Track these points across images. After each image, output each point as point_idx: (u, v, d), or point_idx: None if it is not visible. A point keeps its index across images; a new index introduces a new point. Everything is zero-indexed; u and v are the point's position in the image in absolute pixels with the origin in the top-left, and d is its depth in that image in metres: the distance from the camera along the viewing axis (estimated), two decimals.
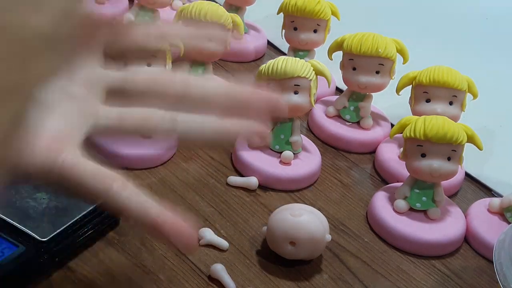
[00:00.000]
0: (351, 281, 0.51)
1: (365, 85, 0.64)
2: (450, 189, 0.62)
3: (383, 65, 0.64)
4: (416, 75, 0.64)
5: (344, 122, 0.67)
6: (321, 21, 0.70)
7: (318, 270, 0.51)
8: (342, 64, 0.66)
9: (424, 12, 0.94)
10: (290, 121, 0.59)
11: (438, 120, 0.54)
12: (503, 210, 0.58)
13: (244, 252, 0.51)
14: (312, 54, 0.72)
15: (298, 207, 0.50)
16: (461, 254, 0.56)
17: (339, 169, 0.63)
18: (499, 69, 0.83)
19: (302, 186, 0.59)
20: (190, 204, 0.54)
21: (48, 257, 0.44)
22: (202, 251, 0.50)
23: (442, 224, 0.56)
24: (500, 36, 0.91)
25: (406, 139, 0.55)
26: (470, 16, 0.94)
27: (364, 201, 0.60)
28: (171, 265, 0.48)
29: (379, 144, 0.66)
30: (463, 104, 0.64)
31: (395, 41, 0.65)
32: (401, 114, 0.63)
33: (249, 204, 0.56)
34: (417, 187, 0.56)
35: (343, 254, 0.53)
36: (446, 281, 0.53)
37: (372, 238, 0.56)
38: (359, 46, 0.63)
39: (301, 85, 0.57)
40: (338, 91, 0.74)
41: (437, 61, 0.65)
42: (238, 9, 0.76)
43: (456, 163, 0.54)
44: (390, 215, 0.56)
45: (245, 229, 0.53)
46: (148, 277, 0.47)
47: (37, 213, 0.46)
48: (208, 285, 0.47)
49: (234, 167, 0.60)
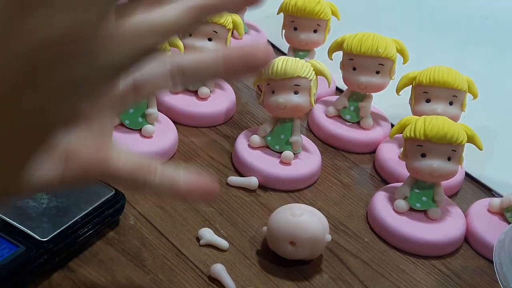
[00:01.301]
0: (351, 281, 0.51)
1: (365, 85, 0.64)
2: (450, 189, 0.62)
3: (383, 65, 0.64)
4: (416, 75, 0.64)
5: (344, 122, 0.67)
6: (321, 21, 0.70)
7: (318, 270, 0.51)
8: (342, 64, 0.66)
9: (424, 12, 0.94)
10: (290, 121, 0.59)
11: (438, 120, 0.54)
12: (503, 210, 0.58)
13: (244, 252, 0.51)
14: (312, 54, 0.72)
15: (298, 207, 0.50)
16: (461, 254, 0.56)
17: (339, 169, 0.63)
18: (499, 69, 0.83)
19: (302, 186, 0.59)
20: (190, 204, 0.54)
21: (48, 257, 0.44)
22: (202, 251, 0.50)
23: (442, 224, 0.56)
24: (500, 36, 0.91)
25: (406, 139, 0.55)
26: (470, 16, 0.94)
27: (364, 201, 0.60)
28: (171, 265, 0.48)
29: (379, 144, 0.66)
30: (463, 104, 0.64)
31: (395, 41, 0.65)
32: (401, 114, 0.63)
33: (249, 204, 0.56)
34: (417, 187, 0.56)
35: (343, 254, 0.53)
36: (446, 281, 0.53)
37: (372, 238, 0.56)
38: (359, 46, 0.63)
39: (301, 85, 0.57)
40: (338, 91, 0.74)
41: (437, 61, 0.65)
42: None
43: (456, 163, 0.54)
44: (390, 215, 0.56)
45: (245, 229, 0.53)
46: (148, 277, 0.47)
47: (37, 213, 0.46)
48: (208, 285, 0.47)
49: (234, 167, 0.60)
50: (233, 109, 0.67)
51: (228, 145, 0.62)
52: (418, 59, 0.68)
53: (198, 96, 0.65)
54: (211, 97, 0.65)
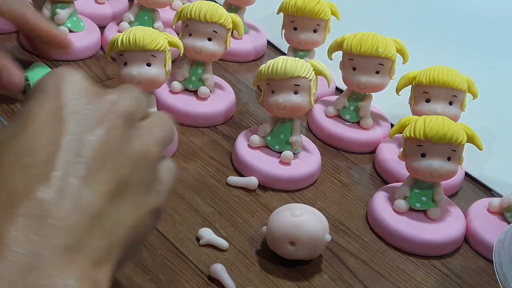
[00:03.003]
0: (351, 281, 0.51)
1: (365, 85, 0.64)
2: (450, 189, 0.62)
3: (383, 65, 0.64)
4: (416, 75, 0.64)
5: (344, 122, 0.67)
6: (321, 21, 0.70)
7: (318, 270, 0.51)
8: (342, 64, 0.66)
9: (424, 12, 0.94)
10: (290, 121, 0.59)
11: (438, 120, 0.54)
12: (503, 210, 0.58)
13: (244, 252, 0.51)
14: (312, 54, 0.72)
15: (298, 207, 0.50)
16: (461, 254, 0.56)
17: (339, 169, 0.63)
18: (499, 69, 0.83)
19: (302, 186, 0.59)
20: (190, 204, 0.54)
21: None
22: (202, 251, 0.50)
23: (442, 224, 0.56)
24: (500, 36, 0.91)
25: (406, 139, 0.55)
26: (470, 16, 0.94)
27: (364, 201, 0.60)
28: (171, 265, 0.48)
29: (379, 144, 0.66)
30: (463, 104, 0.64)
31: (395, 41, 0.65)
32: (401, 114, 0.63)
33: (249, 204, 0.56)
34: (417, 187, 0.56)
35: (343, 254, 0.53)
36: (446, 281, 0.53)
37: (372, 238, 0.56)
38: (359, 46, 0.63)
39: (301, 85, 0.57)
40: (338, 91, 0.74)
41: (437, 61, 0.65)
42: (238, 9, 0.76)
43: (456, 163, 0.54)
44: (390, 215, 0.56)
45: (245, 229, 0.53)
46: (148, 277, 0.47)
47: None
48: (208, 285, 0.47)
49: (234, 167, 0.60)
50: (233, 109, 0.67)
51: (228, 145, 0.62)
52: (418, 59, 0.68)
53: (198, 96, 0.65)
54: (211, 97, 0.65)
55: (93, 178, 0.29)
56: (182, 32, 0.63)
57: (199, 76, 0.64)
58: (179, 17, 0.63)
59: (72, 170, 0.28)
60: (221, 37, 0.63)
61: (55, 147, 0.28)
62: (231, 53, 0.73)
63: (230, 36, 0.64)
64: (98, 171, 0.29)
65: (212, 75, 0.65)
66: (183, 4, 0.78)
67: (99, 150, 0.30)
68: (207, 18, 0.61)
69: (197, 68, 0.64)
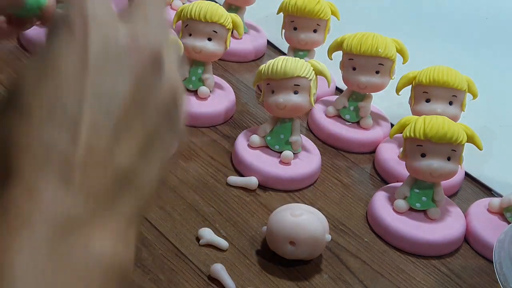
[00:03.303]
0: (351, 281, 0.51)
1: (365, 85, 0.64)
2: (450, 189, 0.62)
3: (383, 65, 0.64)
4: (416, 75, 0.64)
5: (344, 122, 0.67)
6: (321, 21, 0.70)
7: (318, 270, 0.51)
8: (342, 64, 0.66)
9: (424, 12, 0.94)
10: (290, 121, 0.59)
11: (438, 120, 0.54)
12: (503, 210, 0.58)
13: (244, 252, 0.51)
14: (312, 54, 0.72)
15: (298, 207, 0.50)
16: (461, 254, 0.56)
17: (339, 169, 0.63)
18: (499, 69, 0.83)
19: (302, 186, 0.59)
20: (190, 204, 0.54)
21: None
22: (202, 251, 0.50)
23: (442, 224, 0.56)
24: (500, 36, 0.91)
25: (406, 139, 0.55)
26: (470, 16, 0.94)
27: (364, 201, 0.60)
28: (171, 265, 0.48)
29: (379, 144, 0.66)
30: (463, 104, 0.64)
31: (395, 41, 0.65)
32: (401, 114, 0.63)
33: (249, 204, 0.56)
34: (417, 187, 0.56)
35: (343, 254, 0.53)
36: (446, 281, 0.53)
37: (372, 238, 0.56)
38: (359, 46, 0.63)
39: (301, 85, 0.57)
40: (338, 91, 0.74)
41: (437, 61, 0.65)
42: (238, 9, 0.76)
43: (456, 163, 0.54)
44: (390, 215, 0.56)
45: (245, 229, 0.53)
46: (148, 277, 0.47)
47: None
48: (208, 285, 0.47)
49: (234, 167, 0.60)
50: (233, 109, 0.67)
51: (228, 145, 0.62)
52: (418, 59, 0.68)
53: (198, 96, 0.65)
54: (211, 97, 0.65)
55: (123, 135, 0.28)
56: (182, 32, 0.63)
57: (199, 76, 0.64)
58: (179, 17, 0.63)
59: (101, 129, 0.27)
60: (221, 37, 0.63)
61: (82, 103, 0.27)
62: (231, 53, 0.73)
63: (230, 36, 0.64)
64: (127, 127, 0.28)
65: (212, 75, 0.65)
66: (183, 4, 0.78)
67: (127, 104, 0.28)
68: (207, 18, 0.61)
69: (197, 68, 0.64)
